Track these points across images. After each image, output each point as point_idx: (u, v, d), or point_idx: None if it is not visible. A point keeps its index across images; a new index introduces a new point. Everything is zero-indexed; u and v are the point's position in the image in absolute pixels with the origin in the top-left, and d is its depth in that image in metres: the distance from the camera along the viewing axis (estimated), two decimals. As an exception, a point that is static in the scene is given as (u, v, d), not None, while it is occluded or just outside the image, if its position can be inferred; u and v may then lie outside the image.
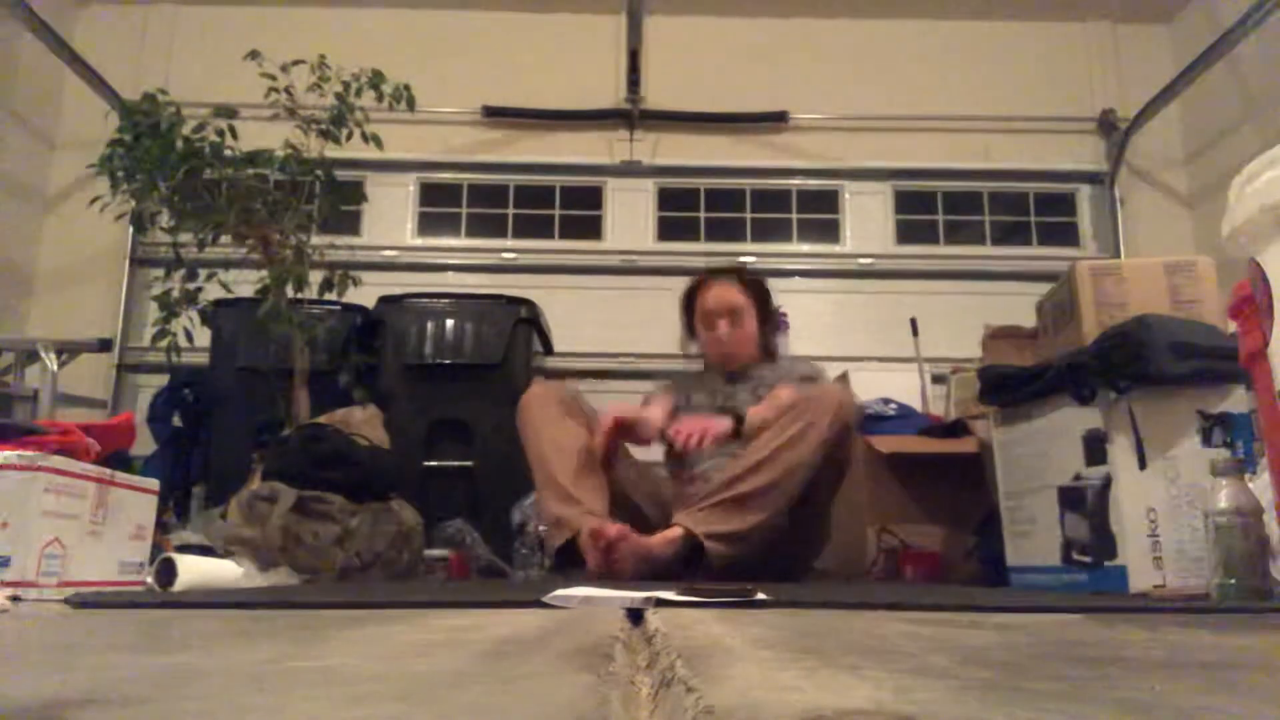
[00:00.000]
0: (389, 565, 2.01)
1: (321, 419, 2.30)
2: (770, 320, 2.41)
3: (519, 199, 4.03)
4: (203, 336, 2.90)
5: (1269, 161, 0.88)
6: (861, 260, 3.97)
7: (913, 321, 3.45)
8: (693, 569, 1.85)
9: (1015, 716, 0.32)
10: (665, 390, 2.40)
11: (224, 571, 1.68)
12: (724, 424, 2.03)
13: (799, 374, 2.28)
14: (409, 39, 3.98)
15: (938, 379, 3.24)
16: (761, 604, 0.97)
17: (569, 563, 1.90)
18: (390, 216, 3.96)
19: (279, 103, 2.70)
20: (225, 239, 2.72)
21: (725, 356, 2.33)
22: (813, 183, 4.06)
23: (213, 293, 2.81)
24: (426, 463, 2.96)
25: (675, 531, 1.88)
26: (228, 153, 2.68)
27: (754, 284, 2.39)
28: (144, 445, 3.10)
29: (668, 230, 3.98)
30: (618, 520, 1.86)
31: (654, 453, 2.30)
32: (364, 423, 2.30)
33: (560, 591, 1.02)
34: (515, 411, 2.12)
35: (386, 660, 0.51)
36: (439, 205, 4.02)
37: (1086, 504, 1.59)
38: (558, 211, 4.02)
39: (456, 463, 2.99)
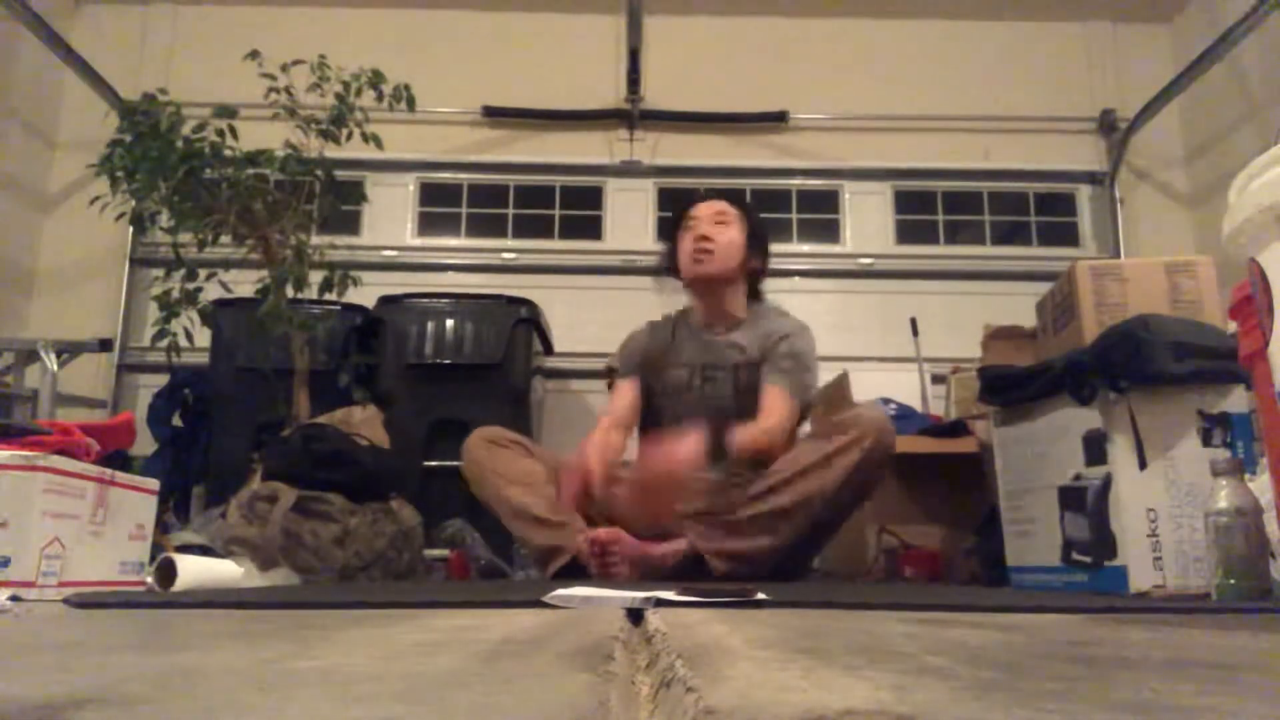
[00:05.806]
0: (389, 565, 2.01)
1: (321, 419, 2.30)
2: (758, 251, 2.22)
3: (519, 199, 4.03)
4: (203, 336, 2.89)
5: (1269, 161, 0.88)
6: (861, 260, 3.97)
7: (913, 321, 3.46)
8: (692, 574, 1.85)
9: (1015, 716, 0.32)
10: (636, 362, 2.23)
11: (224, 571, 1.68)
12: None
13: (784, 353, 2.07)
14: (409, 39, 3.98)
15: (938, 379, 3.24)
16: (761, 604, 0.97)
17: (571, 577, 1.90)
18: (390, 216, 3.97)
19: (279, 103, 2.70)
20: (225, 239, 2.72)
21: (703, 257, 2.14)
22: (813, 183, 4.06)
23: (213, 293, 2.81)
24: (426, 463, 2.96)
25: (678, 544, 1.88)
26: (228, 153, 2.68)
27: (747, 206, 2.27)
28: (144, 445, 3.10)
29: (668, 230, 3.98)
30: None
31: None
32: (364, 423, 2.30)
33: (560, 591, 1.02)
34: (464, 462, 2.09)
35: (386, 660, 0.51)
36: (439, 205, 4.02)
37: (1086, 504, 1.59)
38: (558, 211, 4.02)
39: (456, 463, 2.96)
